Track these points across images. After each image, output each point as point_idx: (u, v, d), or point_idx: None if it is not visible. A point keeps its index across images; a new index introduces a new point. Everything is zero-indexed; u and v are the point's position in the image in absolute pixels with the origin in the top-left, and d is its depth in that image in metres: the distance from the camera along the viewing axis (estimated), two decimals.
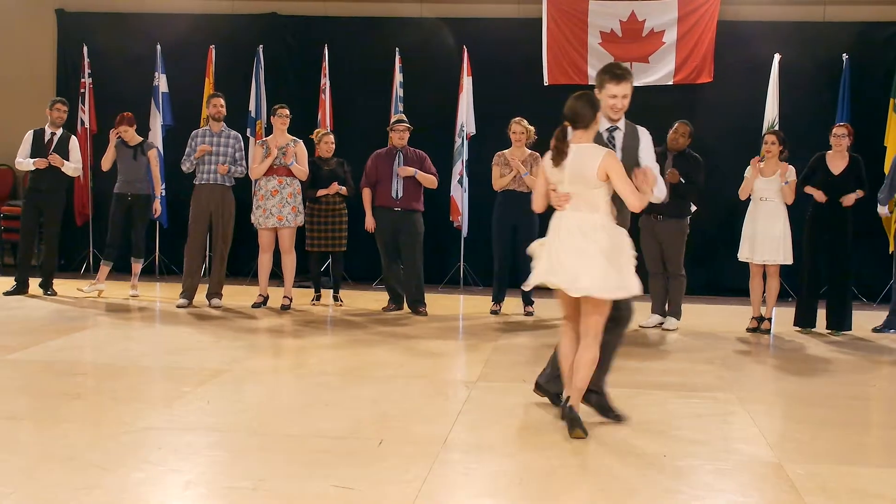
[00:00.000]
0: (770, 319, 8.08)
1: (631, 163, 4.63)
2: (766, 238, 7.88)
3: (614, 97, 4.65)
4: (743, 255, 8.09)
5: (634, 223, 7.87)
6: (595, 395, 4.79)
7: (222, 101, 8.65)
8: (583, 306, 4.51)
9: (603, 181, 4.45)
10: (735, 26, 10.44)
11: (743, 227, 8.12)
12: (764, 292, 8.09)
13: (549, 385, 5.00)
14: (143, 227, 9.14)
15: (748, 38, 10.41)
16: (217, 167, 8.48)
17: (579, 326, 4.57)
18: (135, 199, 9.01)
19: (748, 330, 8.04)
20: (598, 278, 4.37)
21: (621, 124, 4.76)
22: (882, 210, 8.48)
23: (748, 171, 8.04)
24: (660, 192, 4.68)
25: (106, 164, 9.10)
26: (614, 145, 4.72)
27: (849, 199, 7.80)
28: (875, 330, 8.14)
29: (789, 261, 7.94)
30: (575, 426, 4.48)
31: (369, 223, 8.54)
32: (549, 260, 4.52)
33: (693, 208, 8.14)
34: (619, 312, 4.68)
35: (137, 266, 9.23)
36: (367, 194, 8.57)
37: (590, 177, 4.45)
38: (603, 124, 4.70)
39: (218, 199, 8.55)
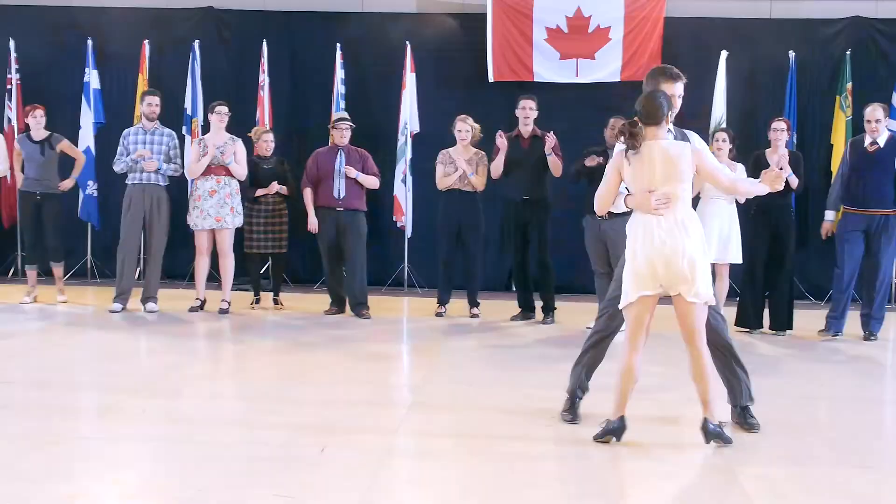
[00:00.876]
0: None
1: None
2: (717, 237, 7.88)
3: (672, 97, 4.56)
4: None
5: (578, 222, 7.90)
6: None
7: (157, 100, 8.38)
8: (687, 314, 4.31)
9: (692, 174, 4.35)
10: (682, 23, 10.43)
11: None
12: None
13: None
14: (56, 228, 8.70)
15: (695, 34, 10.46)
16: (147, 164, 8.18)
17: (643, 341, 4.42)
18: (45, 198, 8.61)
19: None
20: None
21: (671, 127, 4.64)
22: (829, 216, 8.17)
23: None
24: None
25: (16, 171, 8.71)
26: None
27: (792, 180, 7.79)
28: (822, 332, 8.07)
29: (738, 260, 7.97)
30: (712, 438, 4.35)
31: (312, 224, 8.38)
32: (662, 269, 4.25)
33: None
34: (613, 323, 4.72)
35: (58, 269, 8.82)
36: (308, 194, 8.40)
37: (685, 172, 4.32)
38: None
39: (152, 199, 8.29)
